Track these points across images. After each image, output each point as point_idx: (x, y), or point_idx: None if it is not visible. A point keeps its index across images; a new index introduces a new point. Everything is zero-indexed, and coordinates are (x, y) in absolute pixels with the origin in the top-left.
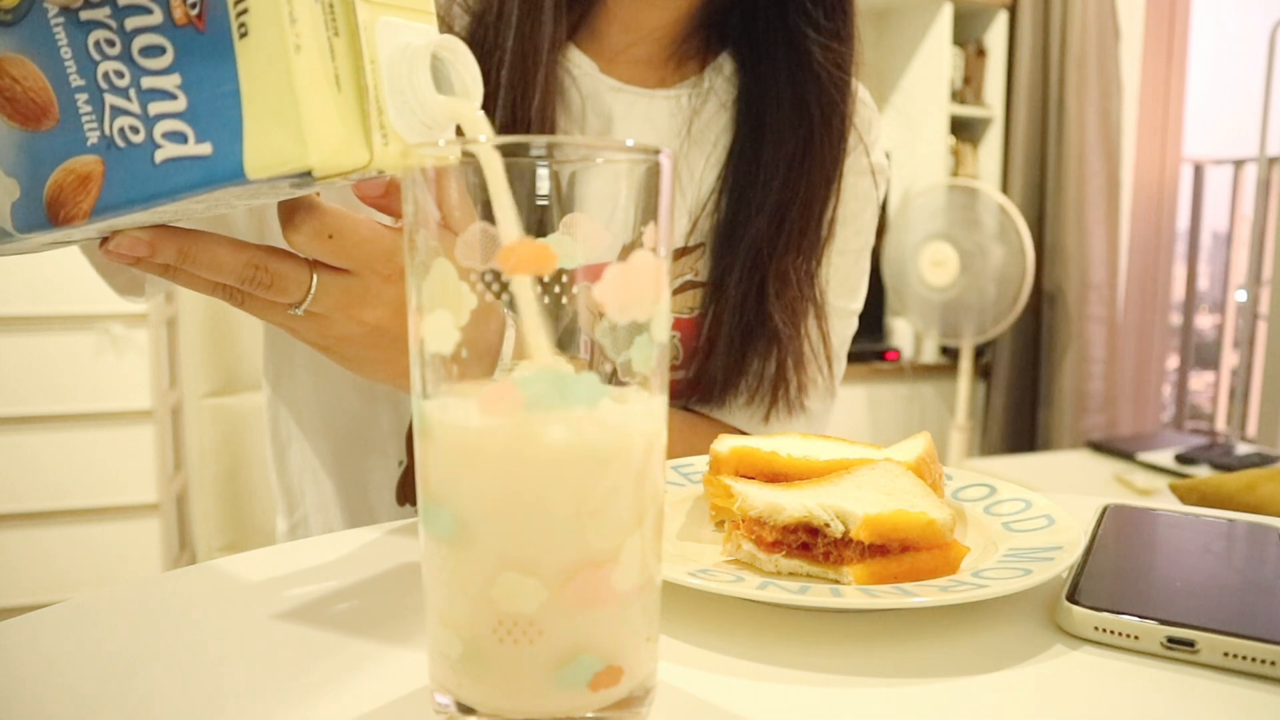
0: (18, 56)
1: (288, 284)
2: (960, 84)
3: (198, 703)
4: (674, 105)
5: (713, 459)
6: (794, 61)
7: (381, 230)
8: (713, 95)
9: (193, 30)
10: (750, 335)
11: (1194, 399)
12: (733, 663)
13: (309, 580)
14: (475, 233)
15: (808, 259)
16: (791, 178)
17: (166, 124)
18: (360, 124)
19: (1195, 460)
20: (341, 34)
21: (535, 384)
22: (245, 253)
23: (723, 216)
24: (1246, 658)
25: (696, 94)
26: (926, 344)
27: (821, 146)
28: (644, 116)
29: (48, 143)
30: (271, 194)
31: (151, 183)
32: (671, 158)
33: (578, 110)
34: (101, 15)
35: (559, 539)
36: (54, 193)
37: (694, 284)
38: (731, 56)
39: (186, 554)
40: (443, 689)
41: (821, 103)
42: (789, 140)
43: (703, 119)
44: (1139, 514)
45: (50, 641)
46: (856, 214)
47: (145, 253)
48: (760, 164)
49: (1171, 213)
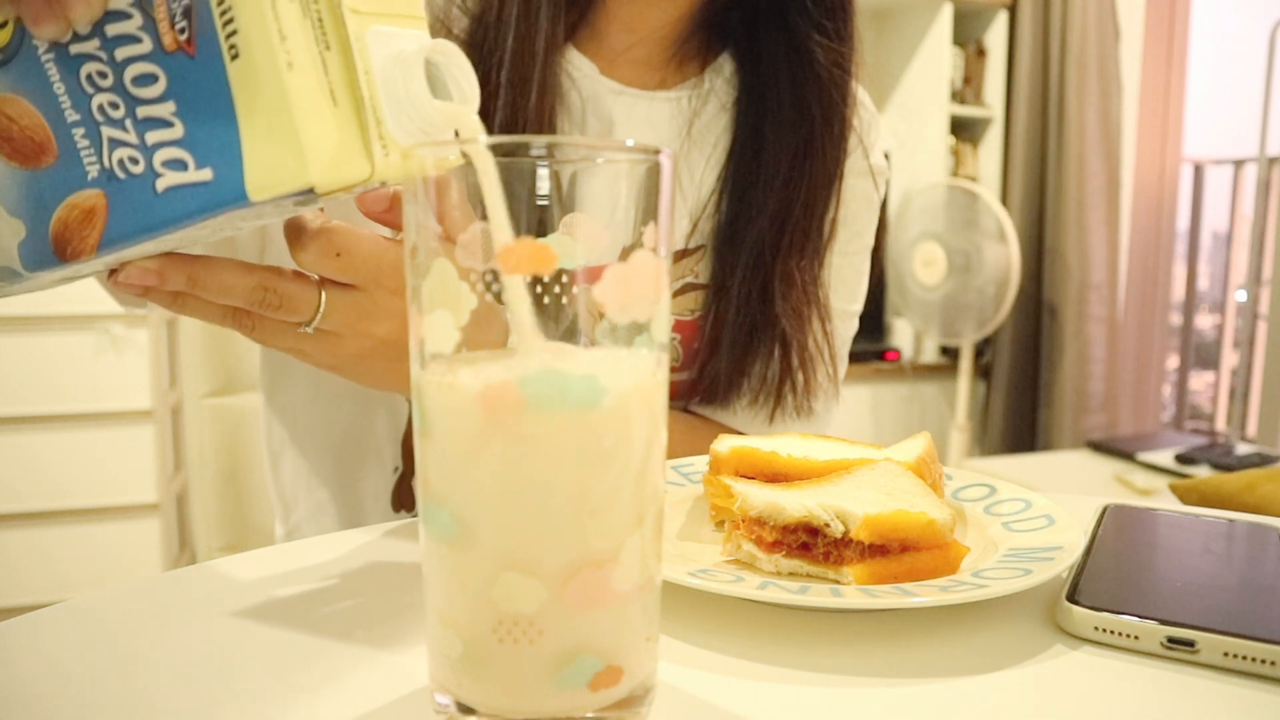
0: (12, 95)
1: (298, 303)
2: (960, 84)
3: (197, 703)
4: (674, 107)
5: (713, 459)
6: (794, 62)
7: (386, 244)
8: (713, 96)
9: (183, 56)
10: (753, 337)
11: (1194, 399)
12: (733, 663)
13: (309, 581)
14: (475, 233)
15: (811, 260)
16: (793, 178)
17: (165, 152)
18: (359, 136)
19: (1195, 460)
20: (333, 47)
21: (535, 384)
22: (254, 274)
23: (724, 218)
24: (1246, 658)
25: (697, 95)
26: (926, 344)
27: (822, 147)
28: (644, 119)
29: (49, 180)
30: (276, 213)
31: (155, 212)
32: (672, 158)
33: (578, 112)
34: (91, 48)
35: (559, 539)
36: (59, 229)
37: (694, 286)
38: (732, 57)
39: (186, 554)
40: (443, 689)
41: (822, 103)
42: (790, 141)
43: (703, 120)
44: (1139, 514)
45: (50, 641)
46: (855, 215)
47: (154, 281)
48: (761, 165)
49: (1171, 213)
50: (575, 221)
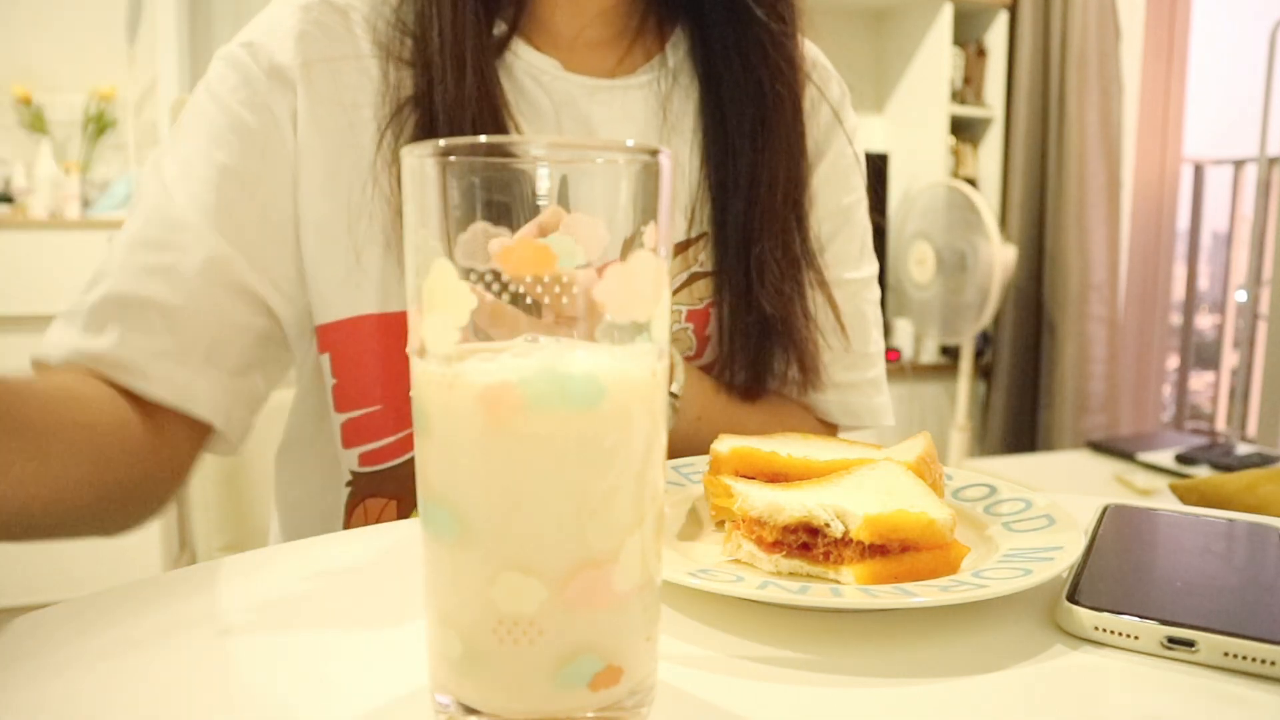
0: None
1: None
2: (960, 84)
3: (198, 703)
4: (647, 93)
5: (713, 459)
6: (738, 29)
7: None
8: (679, 75)
9: None
10: (760, 321)
11: (1194, 399)
12: (733, 663)
13: (309, 580)
14: (475, 233)
15: (788, 236)
16: (756, 149)
17: None
18: None
19: (1195, 460)
20: None
21: (535, 384)
22: None
23: (714, 202)
24: (1246, 658)
25: (664, 75)
26: (926, 344)
27: (776, 113)
28: (622, 113)
29: None
30: None
31: None
32: (671, 157)
33: (550, 116)
34: None
35: (559, 539)
36: None
37: (700, 274)
38: (685, 33)
39: (186, 554)
40: (443, 689)
41: (770, 70)
42: (748, 113)
43: (675, 103)
44: (1139, 514)
45: (50, 641)
46: (838, 177)
47: None
48: (728, 141)
49: (1171, 213)
50: (575, 221)
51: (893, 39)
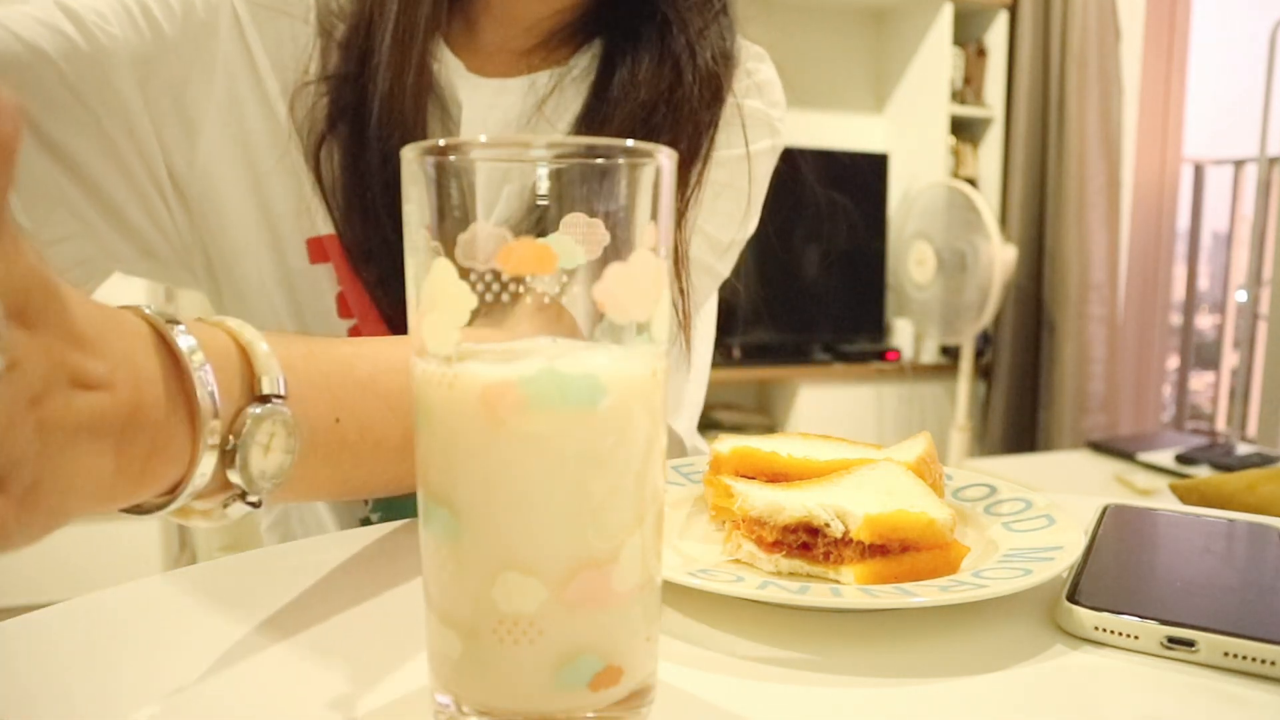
0: None
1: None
2: (960, 84)
3: (198, 703)
4: (526, 87)
5: (713, 459)
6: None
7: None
8: (577, 76)
9: None
10: None
11: (1194, 399)
12: (733, 663)
13: (308, 580)
14: (475, 233)
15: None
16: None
17: None
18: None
19: (1195, 460)
20: None
21: (535, 383)
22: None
23: None
24: (1246, 658)
25: (556, 74)
26: (926, 344)
27: (679, 107)
28: (489, 104)
29: None
30: None
31: None
32: (673, 158)
33: (437, 105)
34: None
35: (559, 539)
36: None
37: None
38: (603, 43)
39: (186, 554)
40: (443, 689)
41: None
42: (638, 97)
43: (561, 99)
44: (1139, 514)
45: (50, 641)
46: (723, 152)
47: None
48: (606, 128)
49: (1171, 213)
50: (575, 221)
51: (893, 39)
